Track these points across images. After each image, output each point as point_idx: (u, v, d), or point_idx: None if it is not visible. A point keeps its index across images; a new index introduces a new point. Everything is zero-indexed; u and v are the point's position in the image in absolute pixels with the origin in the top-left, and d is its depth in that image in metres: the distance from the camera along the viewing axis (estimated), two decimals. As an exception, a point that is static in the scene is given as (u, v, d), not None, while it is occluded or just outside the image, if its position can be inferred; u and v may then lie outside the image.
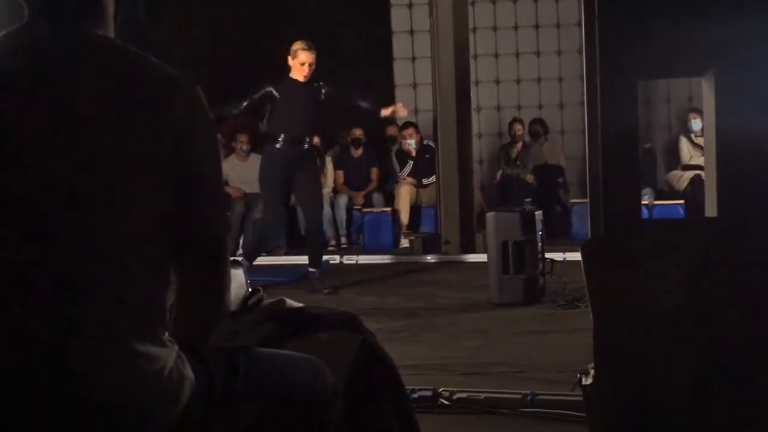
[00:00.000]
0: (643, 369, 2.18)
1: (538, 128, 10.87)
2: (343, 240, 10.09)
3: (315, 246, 6.83)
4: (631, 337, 2.19)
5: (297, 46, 6.47)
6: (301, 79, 6.45)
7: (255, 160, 9.88)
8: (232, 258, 2.91)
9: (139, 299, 1.45)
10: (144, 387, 1.43)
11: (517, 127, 10.68)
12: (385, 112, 6.93)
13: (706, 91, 2.56)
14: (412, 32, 11.36)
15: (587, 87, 2.41)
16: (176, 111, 1.49)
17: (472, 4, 10.73)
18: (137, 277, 1.45)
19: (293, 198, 7.07)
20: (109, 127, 1.44)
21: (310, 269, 6.69)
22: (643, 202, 9.28)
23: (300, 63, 6.40)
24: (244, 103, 6.44)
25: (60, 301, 1.40)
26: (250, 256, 6.68)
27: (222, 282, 1.58)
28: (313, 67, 6.43)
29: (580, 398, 2.71)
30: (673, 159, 10.32)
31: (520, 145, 10.65)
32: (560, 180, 10.64)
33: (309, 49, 6.41)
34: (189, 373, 1.51)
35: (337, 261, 8.60)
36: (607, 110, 2.36)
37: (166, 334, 1.52)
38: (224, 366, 1.59)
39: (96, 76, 1.47)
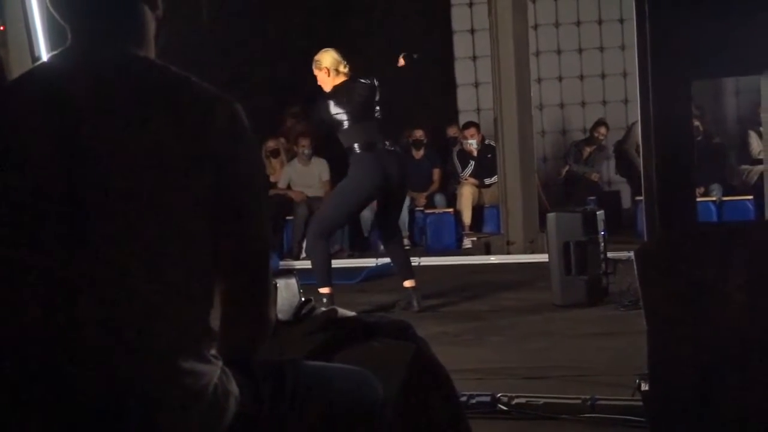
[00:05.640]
0: (698, 375, 2.13)
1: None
2: (406, 241, 10.05)
3: None
4: (685, 342, 2.14)
5: None
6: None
7: (317, 163, 9.96)
8: (286, 267, 2.92)
9: (182, 315, 1.47)
10: (189, 404, 1.44)
11: (601, 130, 10.44)
12: None
13: (765, 89, 2.49)
14: (472, 31, 11.31)
15: (639, 86, 2.35)
16: (216, 130, 1.50)
17: (533, 1, 10.64)
18: (180, 293, 1.46)
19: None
20: (149, 146, 1.46)
21: None
22: (710, 198, 9.23)
23: None
24: None
25: (102, 317, 1.42)
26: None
27: (265, 297, 1.58)
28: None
29: (641, 403, 2.66)
30: (744, 153, 10.06)
31: (596, 146, 10.49)
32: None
33: None
34: (234, 388, 1.52)
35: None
36: (659, 110, 2.31)
37: (212, 350, 1.53)
38: (270, 380, 1.60)
39: (137, 96, 1.49)
